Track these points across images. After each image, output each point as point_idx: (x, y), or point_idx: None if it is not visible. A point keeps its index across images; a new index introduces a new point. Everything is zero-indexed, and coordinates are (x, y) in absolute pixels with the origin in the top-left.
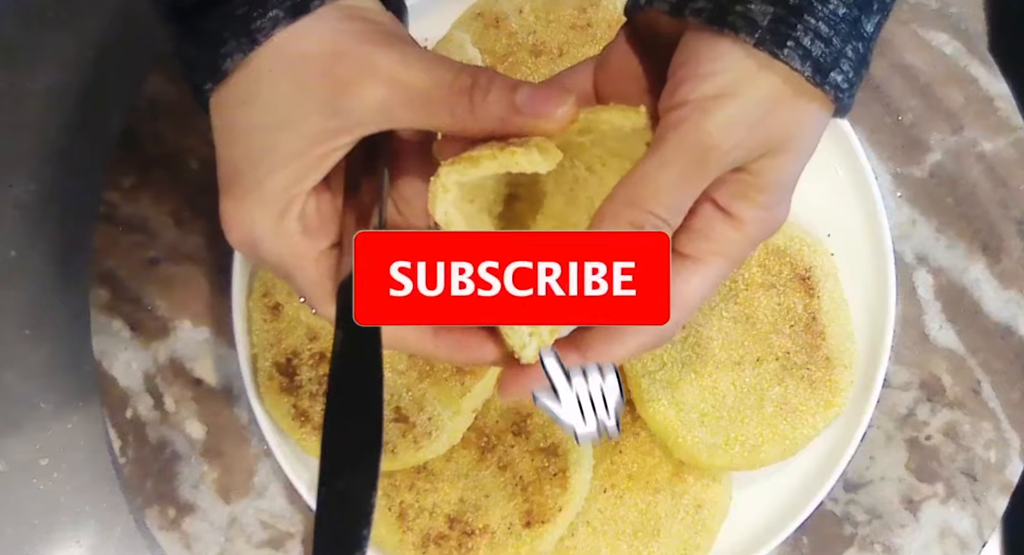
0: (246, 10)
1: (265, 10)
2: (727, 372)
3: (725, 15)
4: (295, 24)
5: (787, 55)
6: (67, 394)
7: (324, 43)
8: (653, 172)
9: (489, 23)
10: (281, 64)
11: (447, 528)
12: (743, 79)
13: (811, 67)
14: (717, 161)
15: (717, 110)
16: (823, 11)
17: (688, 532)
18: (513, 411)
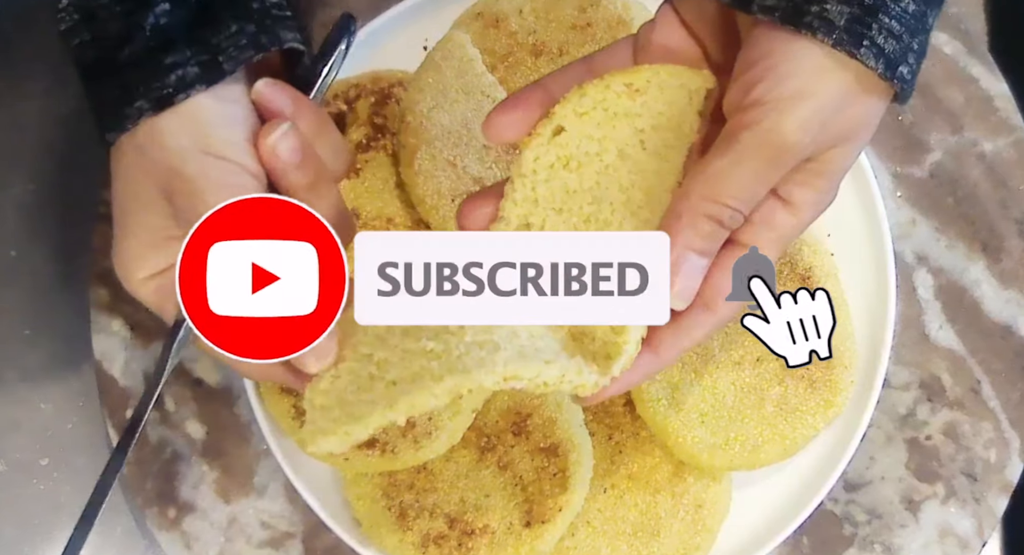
0: (118, 95)
1: (133, 99)
2: (727, 372)
3: (801, 15)
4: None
5: (863, 54)
6: (67, 394)
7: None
8: (729, 168)
9: (489, 23)
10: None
11: (447, 528)
12: (817, 79)
13: (883, 64)
14: (792, 158)
15: (793, 110)
16: (896, 9)
17: (688, 532)
18: (513, 411)
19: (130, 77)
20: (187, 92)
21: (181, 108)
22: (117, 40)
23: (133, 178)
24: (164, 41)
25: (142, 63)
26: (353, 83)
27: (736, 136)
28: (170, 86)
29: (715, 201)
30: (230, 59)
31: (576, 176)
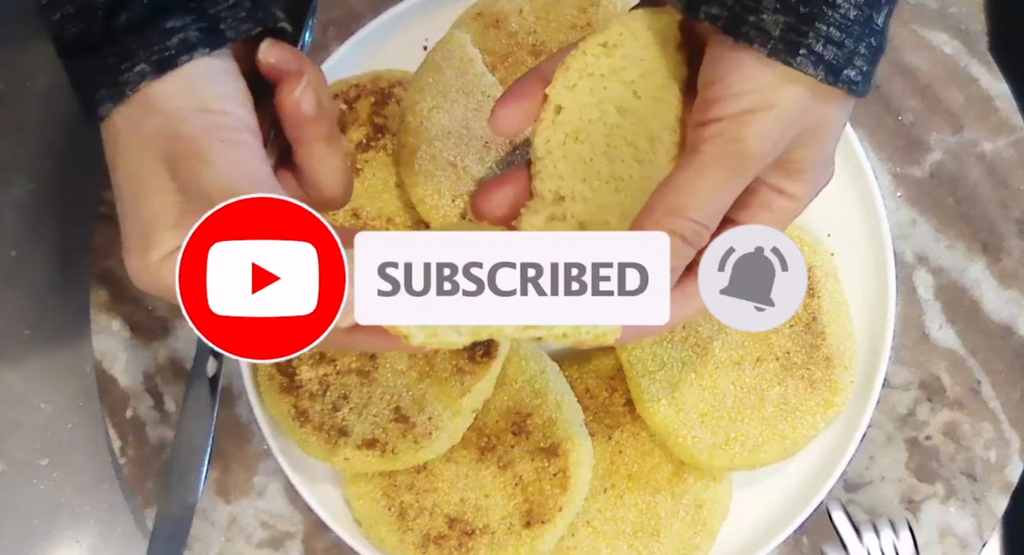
0: (115, 61)
1: (133, 64)
2: (727, 372)
3: (739, 26)
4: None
5: (800, 63)
6: (67, 394)
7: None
8: (692, 180)
9: (489, 23)
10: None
11: (447, 528)
12: (771, 93)
13: (824, 70)
14: (753, 166)
15: (751, 123)
16: (834, 16)
17: (688, 532)
18: (513, 411)
19: (128, 43)
20: (190, 54)
21: (180, 72)
22: (111, 7)
23: (131, 156)
24: (161, 7)
25: (140, 28)
26: (353, 83)
27: (697, 149)
28: (172, 48)
29: (678, 215)
30: (231, 27)
31: (588, 146)
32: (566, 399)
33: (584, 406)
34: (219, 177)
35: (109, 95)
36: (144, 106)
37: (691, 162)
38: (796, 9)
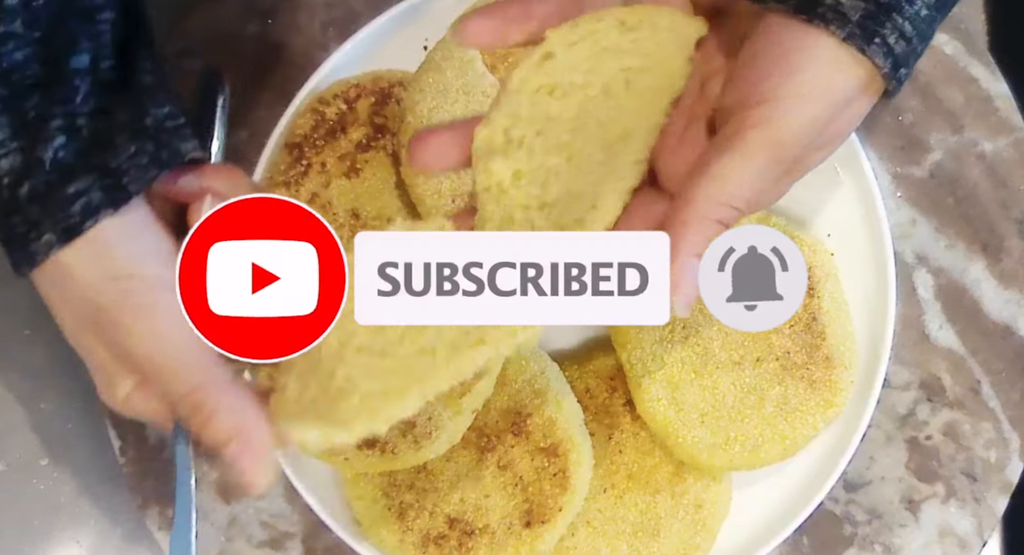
0: (23, 231)
1: (40, 234)
2: (727, 372)
3: (815, 6)
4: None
5: (872, 51)
6: (67, 394)
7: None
8: (737, 168)
9: None
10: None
11: (447, 528)
12: (829, 74)
13: (891, 63)
14: (797, 154)
15: (802, 110)
16: (910, 11)
17: (688, 532)
18: (513, 411)
19: (33, 212)
20: (95, 218)
21: (85, 238)
22: (15, 176)
23: (60, 312)
24: (64, 172)
25: (44, 197)
26: (353, 83)
27: (743, 135)
28: (75, 215)
29: (721, 204)
30: (134, 180)
31: (559, 104)
32: (566, 399)
33: (584, 406)
34: (141, 346)
35: (22, 260)
36: (58, 272)
37: (735, 148)
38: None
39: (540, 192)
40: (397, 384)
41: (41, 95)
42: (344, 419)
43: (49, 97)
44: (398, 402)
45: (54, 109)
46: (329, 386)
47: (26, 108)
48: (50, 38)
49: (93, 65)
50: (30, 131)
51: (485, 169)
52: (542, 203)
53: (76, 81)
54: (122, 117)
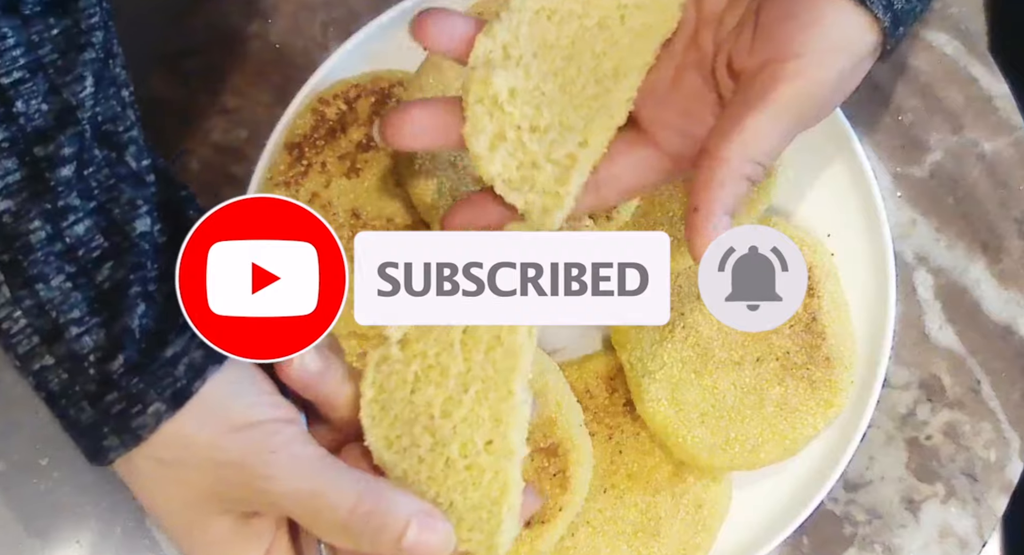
0: (123, 407)
1: (145, 405)
2: (727, 372)
3: None
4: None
5: (873, 4)
6: None
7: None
8: (767, 125)
9: None
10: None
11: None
12: (850, 31)
13: (890, 19)
14: (816, 114)
15: (831, 65)
16: None
17: (688, 532)
18: None
19: (133, 384)
20: (201, 379)
21: (196, 399)
22: (103, 352)
23: (170, 495)
24: (155, 336)
25: (142, 366)
26: (353, 83)
27: (775, 91)
28: (181, 378)
29: (753, 160)
30: None
31: (556, 29)
32: (566, 399)
33: (584, 406)
34: (287, 486)
35: (121, 442)
36: (166, 445)
37: (767, 105)
38: None
39: (533, 114)
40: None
41: (112, 265)
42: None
43: (121, 265)
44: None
45: (129, 276)
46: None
47: (99, 281)
48: (108, 206)
49: (151, 228)
50: (109, 303)
51: (483, 80)
52: (534, 126)
53: (144, 245)
54: None
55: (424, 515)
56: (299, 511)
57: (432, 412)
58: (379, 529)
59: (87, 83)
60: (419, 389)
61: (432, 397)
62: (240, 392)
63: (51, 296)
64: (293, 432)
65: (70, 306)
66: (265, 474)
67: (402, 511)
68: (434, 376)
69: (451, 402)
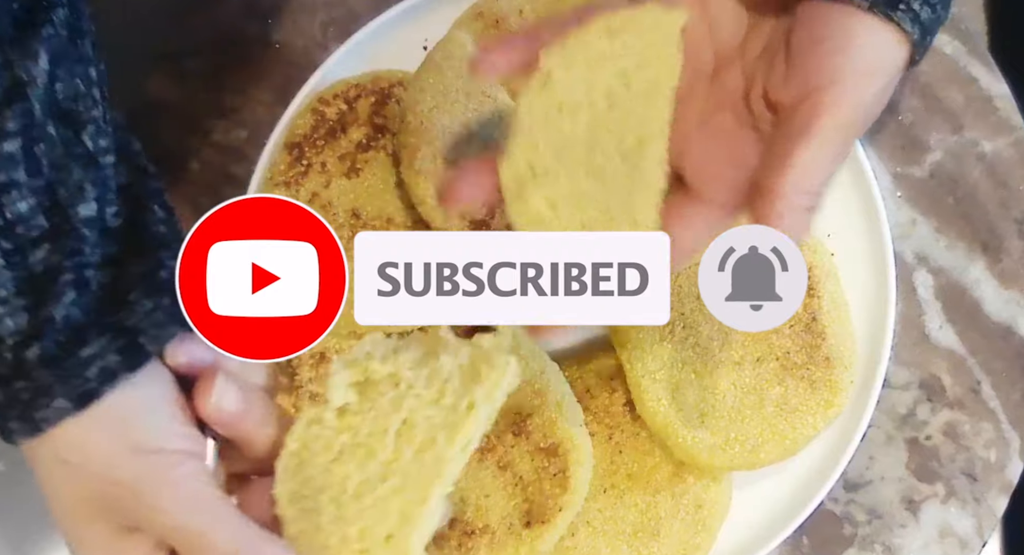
0: (29, 397)
1: (51, 399)
2: (727, 372)
3: None
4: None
5: (900, 17)
6: None
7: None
8: (817, 155)
9: (489, 23)
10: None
11: (447, 528)
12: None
13: (919, 30)
14: (859, 133)
15: (867, 88)
16: None
17: (688, 532)
18: (513, 411)
19: (43, 376)
20: (112, 383)
21: (103, 404)
22: (22, 337)
23: (62, 493)
24: (76, 332)
25: (56, 359)
26: (353, 83)
27: (818, 122)
28: (92, 379)
29: (809, 192)
30: (152, 340)
31: (569, 121)
32: (566, 399)
33: (584, 406)
34: (172, 519)
35: (22, 429)
36: (65, 444)
37: (812, 135)
38: None
39: (579, 214)
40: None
41: (49, 248)
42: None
43: (57, 249)
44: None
45: (64, 262)
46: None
47: (32, 262)
48: (55, 186)
49: (100, 213)
50: (37, 287)
51: (521, 203)
52: (584, 223)
53: (84, 231)
54: (135, 270)
55: None
56: (181, 545)
57: (345, 488)
58: None
59: (42, 60)
60: (340, 461)
61: (350, 474)
62: (151, 412)
63: None
64: (194, 467)
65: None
66: (155, 505)
67: None
68: (359, 454)
69: (366, 485)
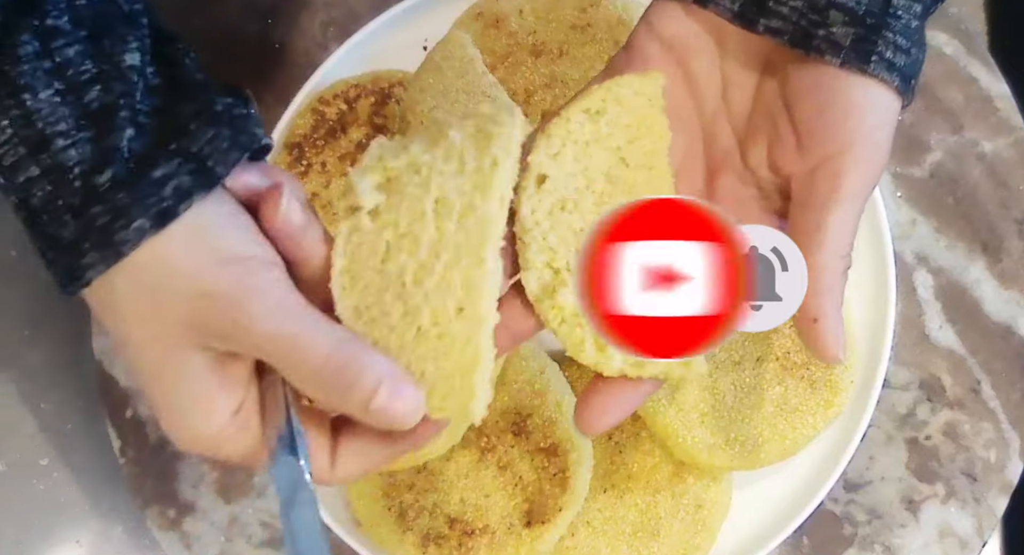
0: (107, 221)
1: (129, 220)
2: (727, 372)
3: (809, 39)
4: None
5: (873, 69)
6: (67, 394)
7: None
8: (848, 220)
9: (489, 23)
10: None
11: (447, 528)
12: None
13: (898, 77)
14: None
15: (880, 142)
16: (898, 25)
17: (688, 532)
18: (513, 411)
19: (119, 199)
20: (188, 201)
21: (181, 222)
22: (90, 165)
23: (150, 327)
24: (144, 157)
25: (129, 182)
26: (353, 83)
27: (841, 185)
28: (168, 198)
29: (844, 256)
30: (220, 163)
31: (577, 215)
32: (566, 399)
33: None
34: (266, 325)
35: (101, 258)
36: (151, 266)
37: (838, 201)
38: (863, 21)
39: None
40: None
41: (101, 88)
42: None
43: (110, 91)
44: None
45: (119, 101)
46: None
47: (87, 100)
48: (99, 36)
49: (142, 65)
50: (97, 121)
51: (553, 307)
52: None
53: (133, 77)
54: (188, 109)
55: (396, 379)
56: (276, 353)
57: (404, 280)
58: (350, 385)
59: None
60: (391, 258)
61: (404, 265)
62: (229, 225)
63: (38, 107)
64: (278, 275)
65: (57, 118)
66: (248, 311)
67: (375, 370)
68: (406, 245)
69: (423, 270)
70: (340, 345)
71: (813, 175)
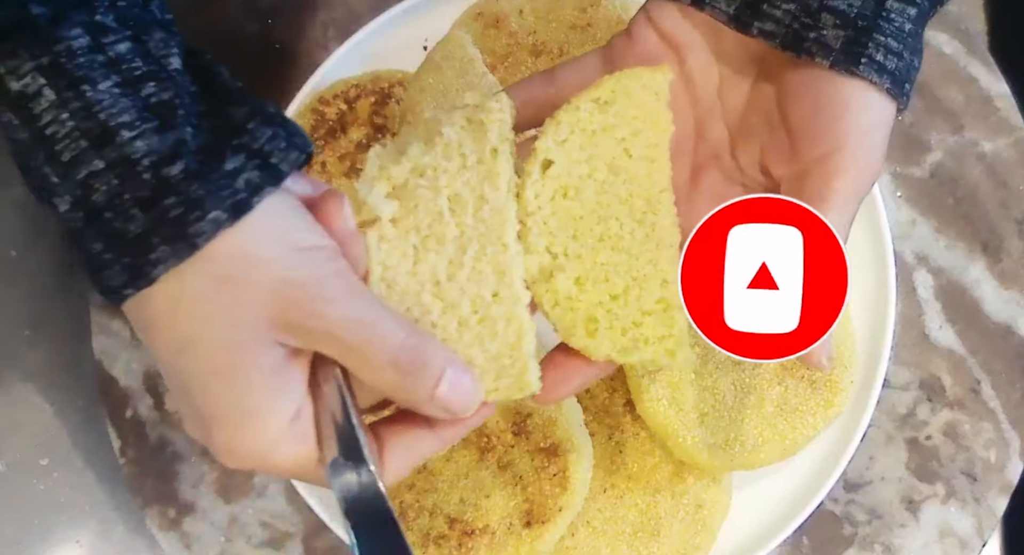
0: (181, 212)
1: (204, 212)
2: (727, 372)
3: (801, 42)
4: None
5: (863, 71)
6: (67, 394)
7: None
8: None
9: (489, 23)
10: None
11: (447, 528)
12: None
13: (888, 79)
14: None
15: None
16: (890, 28)
17: (688, 532)
18: (513, 411)
19: (192, 190)
20: (260, 195)
21: (254, 215)
22: (160, 156)
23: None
24: (211, 153)
25: (200, 174)
26: (353, 83)
27: (833, 186)
28: (242, 190)
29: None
30: (283, 161)
31: (578, 202)
32: (566, 399)
33: (584, 406)
34: (343, 311)
35: (173, 251)
36: (227, 258)
37: (831, 202)
38: (855, 23)
39: (606, 286)
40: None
41: (155, 85)
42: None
43: (164, 89)
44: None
45: (175, 100)
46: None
47: (145, 94)
48: (142, 38)
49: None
50: (160, 114)
51: (548, 290)
52: (613, 295)
53: (180, 79)
54: (240, 111)
55: (456, 365)
56: (352, 340)
57: (437, 278)
58: (421, 369)
59: None
60: (420, 259)
61: (435, 265)
62: (298, 217)
63: (99, 98)
64: (346, 265)
65: (120, 110)
66: (326, 296)
67: (440, 355)
68: (432, 245)
69: (453, 265)
70: (412, 333)
71: (804, 178)
